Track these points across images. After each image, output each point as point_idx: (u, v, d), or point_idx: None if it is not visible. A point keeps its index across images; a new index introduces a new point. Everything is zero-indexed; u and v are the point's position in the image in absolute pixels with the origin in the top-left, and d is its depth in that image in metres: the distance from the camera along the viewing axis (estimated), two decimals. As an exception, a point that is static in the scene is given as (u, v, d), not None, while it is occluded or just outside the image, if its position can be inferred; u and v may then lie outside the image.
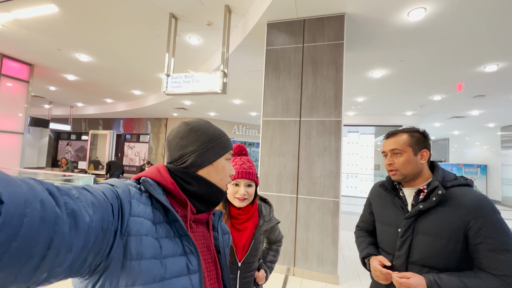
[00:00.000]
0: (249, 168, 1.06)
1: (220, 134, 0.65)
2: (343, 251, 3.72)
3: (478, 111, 6.96)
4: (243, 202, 1.05)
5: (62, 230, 0.33)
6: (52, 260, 0.32)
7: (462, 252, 0.85)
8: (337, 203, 2.72)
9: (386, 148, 1.02)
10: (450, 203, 0.88)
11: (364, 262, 1.07)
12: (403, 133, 1.00)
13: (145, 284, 0.45)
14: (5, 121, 5.17)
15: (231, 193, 1.05)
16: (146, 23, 3.58)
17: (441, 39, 3.27)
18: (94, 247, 0.39)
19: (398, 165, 0.97)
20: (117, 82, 6.61)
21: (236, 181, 1.05)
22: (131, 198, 0.49)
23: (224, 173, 0.63)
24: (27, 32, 4.03)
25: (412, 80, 4.87)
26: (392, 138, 1.01)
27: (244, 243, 1.07)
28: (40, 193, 0.32)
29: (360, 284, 2.71)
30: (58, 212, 0.33)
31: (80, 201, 0.38)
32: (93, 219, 0.39)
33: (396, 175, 0.98)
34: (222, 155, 0.63)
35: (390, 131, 1.04)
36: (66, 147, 13.22)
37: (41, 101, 9.45)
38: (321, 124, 2.84)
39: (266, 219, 1.14)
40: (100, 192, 0.44)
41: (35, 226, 0.30)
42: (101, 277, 0.43)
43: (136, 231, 0.46)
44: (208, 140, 0.61)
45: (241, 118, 10.49)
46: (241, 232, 1.08)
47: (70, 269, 0.37)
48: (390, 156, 1.00)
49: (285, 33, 3.04)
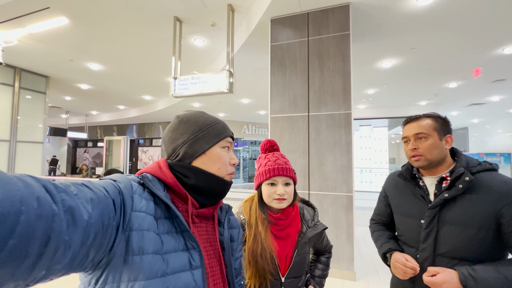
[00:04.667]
0: (285, 164, 0.94)
1: (212, 122, 0.62)
2: (360, 247, 3.64)
3: (499, 97, 6.60)
4: (283, 203, 0.91)
5: (59, 228, 0.33)
6: (50, 257, 0.32)
7: (493, 241, 0.79)
8: (350, 197, 2.66)
9: (409, 132, 0.94)
10: (478, 190, 0.82)
11: (385, 257, 0.99)
12: (425, 117, 0.93)
13: (147, 279, 0.45)
14: (27, 132, 5.43)
15: (268, 194, 0.91)
16: (151, 28, 3.64)
17: (454, 22, 3.12)
18: (94, 243, 0.39)
19: (424, 150, 0.89)
20: (128, 89, 6.79)
21: (272, 179, 0.91)
22: (133, 193, 0.49)
23: (221, 162, 0.60)
24: (41, 45, 4.21)
25: (425, 68, 4.68)
26: (415, 123, 0.94)
27: (286, 253, 0.92)
28: (36, 190, 0.32)
29: (378, 280, 2.64)
30: (55, 209, 0.33)
31: (78, 197, 0.38)
32: (92, 215, 0.38)
33: (420, 160, 0.90)
34: (215, 143, 0.60)
35: (410, 116, 0.97)
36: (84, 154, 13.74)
37: (58, 111, 9.87)
38: (330, 118, 2.78)
39: (311, 225, 0.97)
40: (101, 187, 0.44)
41: (32, 224, 0.30)
42: (104, 272, 0.44)
43: (138, 226, 0.46)
44: (198, 129, 0.60)
45: (250, 117, 10.50)
46: (283, 240, 0.93)
47: (71, 265, 0.36)
48: (414, 140, 0.92)
49: (289, 27, 3.00)
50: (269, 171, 0.91)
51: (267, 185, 0.92)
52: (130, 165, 12.13)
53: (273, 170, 0.91)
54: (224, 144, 0.62)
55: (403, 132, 0.98)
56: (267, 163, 0.94)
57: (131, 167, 12.17)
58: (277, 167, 0.91)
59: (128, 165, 11.75)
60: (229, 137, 0.64)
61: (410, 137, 0.94)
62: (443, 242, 0.85)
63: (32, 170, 5.45)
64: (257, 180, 0.96)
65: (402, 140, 0.99)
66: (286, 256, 0.92)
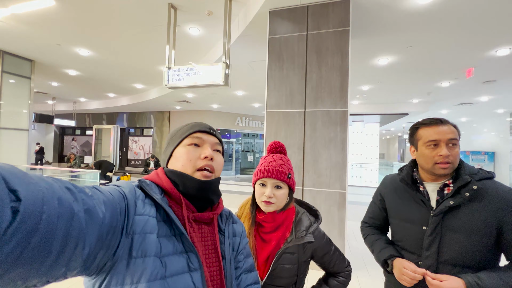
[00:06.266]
0: (278, 166, 0.88)
1: (182, 127, 0.65)
2: (350, 242, 3.73)
3: (488, 97, 6.77)
4: (270, 207, 0.87)
5: (79, 226, 0.35)
6: (70, 254, 0.34)
7: (492, 248, 0.82)
8: (343, 194, 2.69)
9: (442, 136, 0.85)
10: (481, 198, 0.83)
11: (385, 263, 0.97)
12: (449, 123, 0.89)
13: (148, 281, 0.46)
14: (10, 118, 5.19)
15: (258, 194, 0.89)
16: (144, 14, 3.49)
17: (451, 22, 3.13)
18: (105, 243, 0.41)
19: (454, 158, 0.85)
20: (118, 76, 6.56)
21: (262, 180, 0.89)
22: (137, 199, 0.51)
23: (184, 158, 0.59)
24: (25, 27, 3.97)
25: (420, 66, 4.72)
26: (446, 126, 0.87)
27: (266, 258, 0.87)
28: (57, 190, 0.34)
29: (367, 274, 2.72)
30: (75, 209, 0.35)
31: (93, 198, 0.40)
32: (106, 216, 0.41)
33: (448, 168, 0.85)
34: (178, 143, 0.62)
35: (437, 118, 0.90)
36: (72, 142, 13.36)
37: (44, 97, 9.48)
38: (326, 114, 2.77)
39: (299, 235, 0.87)
40: (108, 192, 0.47)
41: (53, 223, 0.31)
42: (108, 275, 0.45)
43: (141, 230, 0.48)
44: (171, 136, 0.65)
45: (244, 109, 10.41)
46: (265, 243, 0.89)
47: (85, 263, 0.39)
48: (446, 146, 0.86)
49: (288, 20, 2.93)
50: (261, 171, 0.90)
51: (259, 185, 0.91)
52: (120, 154, 11.90)
53: (264, 171, 0.89)
54: (189, 142, 0.61)
55: (428, 135, 0.88)
56: (263, 163, 0.92)
57: (121, 156, 11.94)
58: (268, 168, 0.88)
59: (118, 155, 11.53)
60: (196, 132, 0.62)
61: (441, 142, 0.86)
62: (447, 250, 0.85)
63: (17, 158, 5.25)
64: (253, 178, 0.95)
65: (426, 143, 0.89)
66: (266, 261, 0.88)
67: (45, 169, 7.83)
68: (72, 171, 6.02)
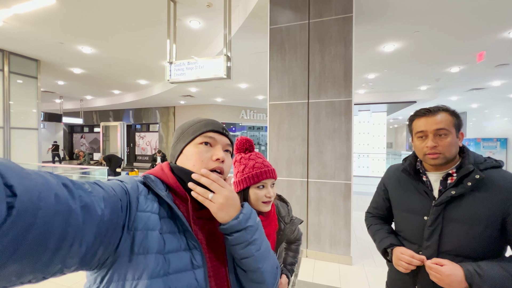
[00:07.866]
0: (269, 165, 0.89)
1: (194, 122, 0.63)
2: (356, 232, 3.72)
3: (500, 81, 6.51)
4: (269, 205, 0.88)
5: (76, 223, 0.35)
6: (67, 251, 0.34)
7: (496, 238, 0.79)
8: (349, 185, 2.67)
9: (429, 127, 0.86)
10: (486, 188, 0.80)
11: (385, 252, 0.98)
12: (443, 111, 0.86)
13: (150, 278, 0.46)
14: (20, 118, 5.32)
15: (257, 198, 0.86)
16: (144, 8, 3.46)
17: (461, 3, 2.99)
18: (105, 240, 0.41)
19: (443, 148, 0.84)
20: (122, 73, 6.59)
21: (262, 182, 0.85)
22: (139, 194, 0.51)
23: (195, 158, 0.58)
24: (28, 27, 4.01)
25: (428, 52, 4.56)
26: (434, 117, 0.86)
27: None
28: (54, 186, 0.33)
29: (373, 264, 2.72)
30: (72, 205, 0.35)
31: (93, 195, 0.40)
32: (105, 213, 0.40)
33: (438, 158, 0.85)
34: (190, 140, 0.60)
35: (425, 108, 0.89)
36: (81, 139, 13.64)
37: (51, 96, 9.64)
38: (330, 105, 2.73)
39: (287, 221, 0.97)
40: (110, 188, 0.46)
41: (50, 219, 0.31)
42: (110, 270, 0.45)
43: (143, 226, 0.48)
44: (181, 132, 0.64)
45: (248, 102, 10.36)
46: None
47: (83, 260, 0.38)
48: (433, 137, 0.85)
49: (289, 9, 2.86)
50: (261, 174, 0.85)
51: (256, 188, 0.85)
52: (128, 150, 12.10)
53: (265, 173, 0.85)
54: (201, 140, 0.60)
55: (417, 126, 0.89)
56: (254, 164, 0.86)
57: (128, 152, 12.14)
58: (266, 169, 0.86)
59: (126, 151, 11.73)
60: (209, 131, 0.61)
61: (429, 132, 0.86)
62: (448, 240, 0.84)
63: (28, 157, 5.40)
64: (243, 184, 0.86)
65: (416, 134, 0.90)
66: None
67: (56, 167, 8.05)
68: (82, 168, 6.16)
